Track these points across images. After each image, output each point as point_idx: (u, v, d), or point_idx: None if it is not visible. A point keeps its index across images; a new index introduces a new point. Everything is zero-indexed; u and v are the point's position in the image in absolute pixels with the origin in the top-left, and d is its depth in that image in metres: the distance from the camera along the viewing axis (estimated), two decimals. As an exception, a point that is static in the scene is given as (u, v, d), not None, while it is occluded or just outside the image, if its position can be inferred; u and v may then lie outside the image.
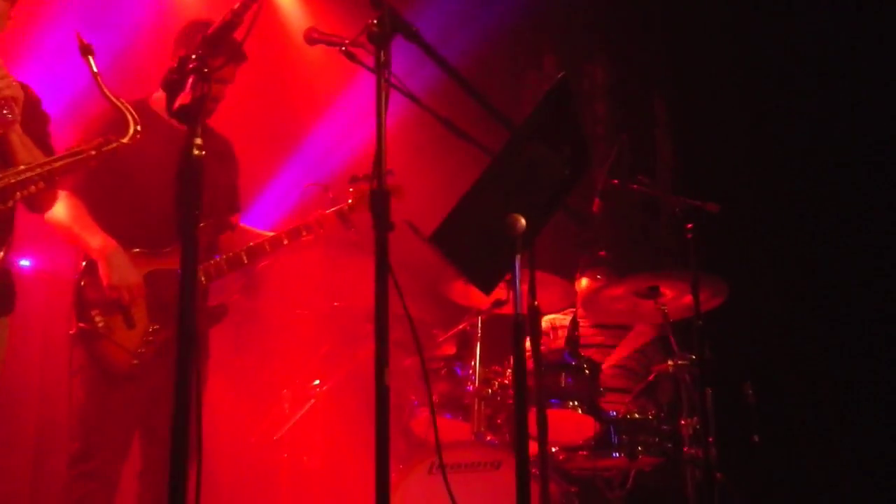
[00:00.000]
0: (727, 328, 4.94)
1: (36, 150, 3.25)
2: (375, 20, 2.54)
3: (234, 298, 4.46)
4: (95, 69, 3.07)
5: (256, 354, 5.83)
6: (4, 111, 3.10)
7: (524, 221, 2.69)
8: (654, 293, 4.66)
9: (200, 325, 3.66)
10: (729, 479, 4.39)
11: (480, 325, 4.61)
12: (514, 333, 2.66)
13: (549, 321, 5.70)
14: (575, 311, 5.56)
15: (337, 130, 6.61)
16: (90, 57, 3.07)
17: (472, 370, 4.52)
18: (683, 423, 4.45)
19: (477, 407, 4.43)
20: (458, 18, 6.47)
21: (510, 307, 4.52)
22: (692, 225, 4.46)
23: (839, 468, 5.84)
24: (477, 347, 4.55)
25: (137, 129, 3.24)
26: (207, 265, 3.75)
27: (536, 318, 3.30)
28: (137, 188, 3.81)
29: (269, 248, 3.90)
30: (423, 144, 5.66)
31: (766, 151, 6.48)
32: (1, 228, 3.20)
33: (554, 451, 4.51)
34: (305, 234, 3.98)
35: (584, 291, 5.58)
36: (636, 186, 4.77)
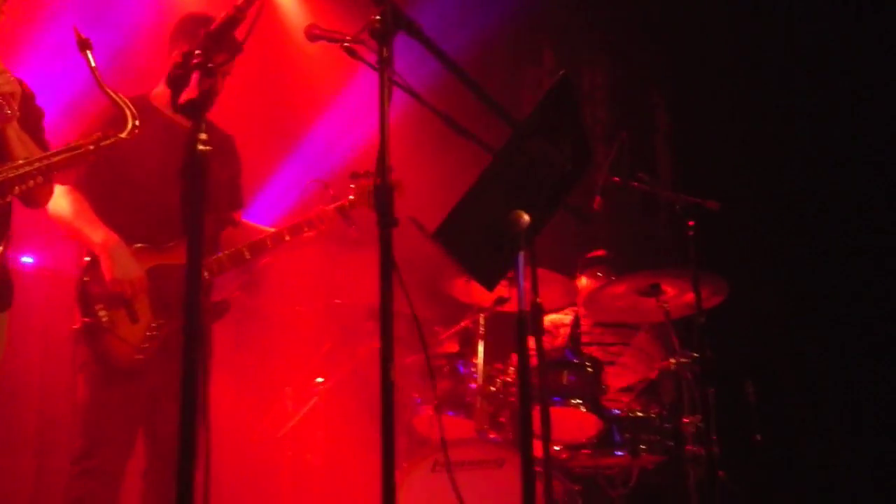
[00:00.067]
0: (728, 326, 4.94)
1: (33, 145, 3.24)
2: (378, 16, 2.53)
3: (234, 295, 4.44)
4: (93, 64, 3.07)
5: (258, 352, 5.83)
6: (4, 107, 3.08)
7: (527, 218, 2.68)
8: (655, 291, 4.66)
9: (204, 321, 3.65)
10: (731, 477, 4.39)
11: (483, 322, 4.61)
12: (517, 329, 2.65)
13: (550, 320, 5.69)
14: (577, 309, 5.55)
15: (337, 127, 6.60)
16: (88, 52, 3.06)
17: (474, 368, 4.52)
18: (686, 421, 4.44)
19: (480, 405, 4.43)
20: (456, 17, 6.47)
21: (512, 305, 4.55)
22: (693, 223, 4.46)
23: (840, 467, 5.84)
24: (479, 345, 4.55)
25: (136, 123, 3.23)
26: (209, 261, 3.73)
27: (539, 315, 3.28)
28: (139, 184, 3.80)
29: (270, 243, 3.89)
30: (421, 140, 5.66)
31: (765, 149, 6.48)
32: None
33: (557, 449, 4.51)
34: (307, 229, 3.97)
35: (584, 290, 5.57)
36: (637, 184, 4.77)
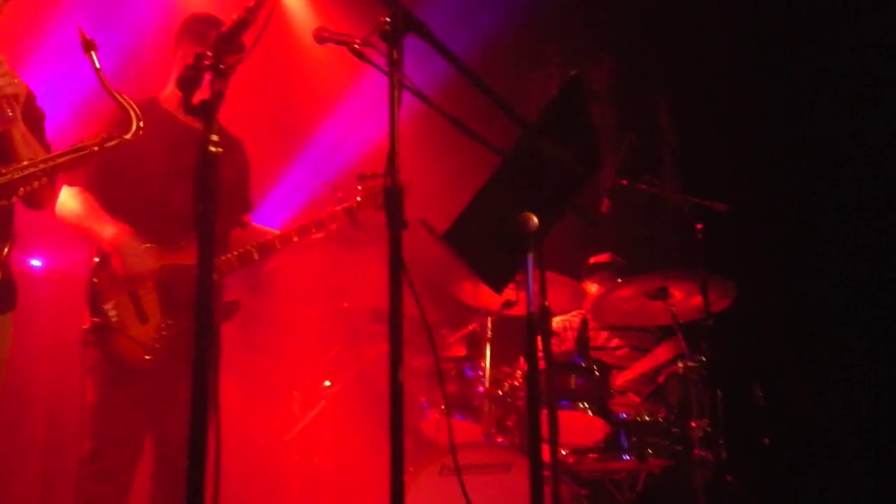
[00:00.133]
0: (735, 329, 4.93)
1: (38, 146, 3.23)
2: (388, 18, 2.52)
3: (241, 298, 4.44)
4: (98, 65, 3.06)
5: (266, 355, 5.82)
6: (6, 109, 3.07)
7: (536, 220, 2.68)
8: (663, 294, 4.65)
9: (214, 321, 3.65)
10: (739, 480, 4.38)
11: (490, 326, 4.60)
12: (527, 331, 2.64)
13: (558, 322, 5.68)
14: (584, 312, 5.54)
15: (344, 129, 6.61)
16: (93, 53, 3.06)
17: (482, 371, 4.52)
18: (693, 425, 4.43)
19: (487, 408, 4.43)
20: (460, 18, 6.47)
21: (519, 308, 4.55)
22: (702, 225, 4.45)
23: (848, 470, 5.82)
24: (487, 348, 4.55)
25: (140, 125, 3.22)
26: (219, 261, 3.72)
27: (547, 317, 3.28)
28: (148, 185, 3.80)
29: (279, 244, 3.89)
30: (427, 141, 5.66)
31: (770, 151, 6.46)
32: (2, 224, 3.17)
33: (564, 453, 4.50)
34: (315, 231, 3.97)
35: (592, 297, 5.55)
36: (645, 186, 4.76)
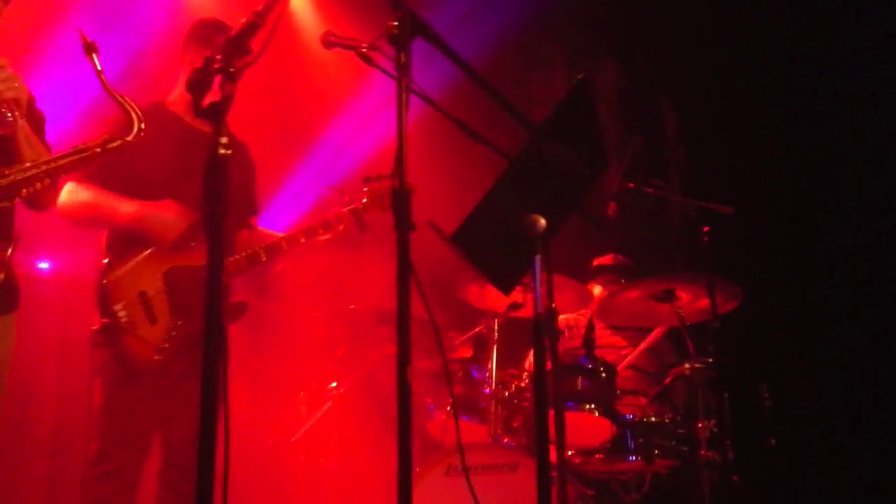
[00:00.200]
0: (742, 331, 4.93)
1: (42, 148, 3.24)
2: (396, 22, 2.53)
3: (247, 299, 4.45)
4: (99, 67, 3.08)
5: (273, 357, 5.84)
6: (6, 113, 3.07)
7: (543, 222, 2.69)
8: (669, 296, 4.65)
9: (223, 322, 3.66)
10: (745, 481, 4.37)
11: (497, 328, 4.61)
12: (534, 332, 2.65)
13: (563, 320, 5.69)
14: (590, 312, 5.55)
15: (350, 132, 6.62)
16: (94, 55, 3.07)
17: (488, 373, 4.53)
18: (700, 425, 4.43)
19: (493, 409, 4.44)
20: (465, 22, 6.48)
21: (526, 311, 4.56)
22: (708, 228, 4.46)
23: (855, 470, 5.81)
24: (493, 350, 4.56)
25: (141, 126, 3.23)
26: (227, 262, 3.74)
27: (554, 319, 3.28)
28: (156, 188, 3.80)
29: (286, 245, 3.91)
30: (432, 144, 5.66)
31: (777, 153, 6.45)
32: (3, 225, 3.17)
33: (570, 453, 4.51)
34: (322, 232, 3.98)
35: (598, 299, 5.56)
36: (651, 189, 4.76)
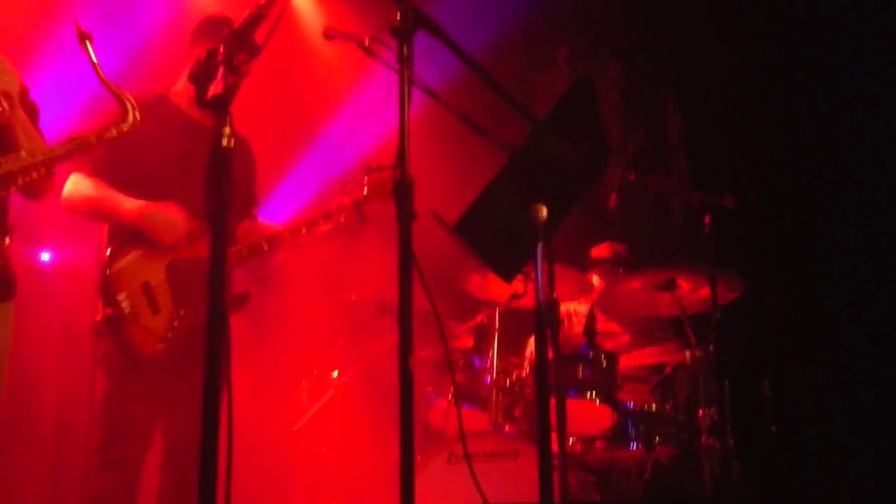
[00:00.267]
0: (743, 321, 4.94)
1: (38, 138, 3.24)
2: (398, 15, 2.54)
3: (248, 289, 4.48)
4: (94, 57, 3.08)
5: (274, 346, 5.86)
6: None
7: (546, 212, 2.70)
8: (671, 286, 4.68)
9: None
10: (746, 469, 4.40)
11: (498, 317, 4.64)
12: (536, 320, 2.66)
13: (563, 309, 5.70)
14: (591, 301, 5.56)
15: (351, 125, 6.63)
16: (88, 45, 3.08)
17: (489, 362, 4.55)
18: (701, 413, 4.46)
19: (495, 398, 4.46)
20: (468, 17, 6.47)
21: (526, 300, 4.58)
22: (709, 218, 4.47)
23: (856, 460, 5.83)
24: (495, 339, 4.58)
25: (136, 115, 3.24)
26: (229, 253, 3.73)
27: (555, 309, 3.30)
28: (158, 179, 3.82)
29: (288, 236, 3.92)
30: (434, 136, 5.67)
31: (779, 145, 6.45)
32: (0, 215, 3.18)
33: (571, 442, 4.54)
34: (323, 222, 3.99)
35: (598, 289, 5.58)
36: (653, 182, 4.77)
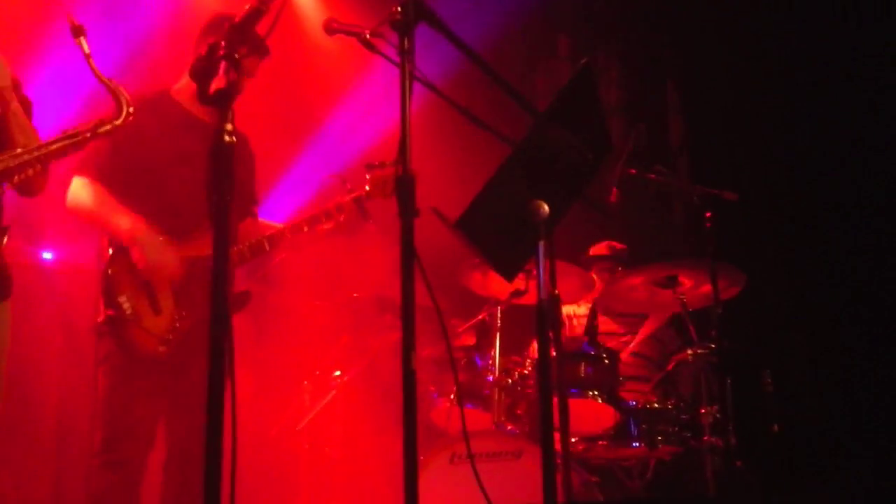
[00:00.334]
0: (745, 317, 4.93)
1: (34, 133, 3.21)
2: (399, 7, 2.53)
3: (250, 288, 4.46)
4: (87, 50, 3.07)
5: (276, 346, 5.84)
6: None
7: (547, 208, 2.69)
8: (672, 282, 4.66)
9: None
10: (748, 467, 4.38)
11: (500, 315, 4.62)
12: (537, 317, 2.65)
13: (564, 311, 5.68)
14: (591, 301, 5.55)
15: (351, 120, 6.61)
16: (82, 38, 3.06)
17: (491, 360, 4.54)
18: (703, 411, 4.44)
19: (497, 397, 4.45)
20: (468, 7, 6.45)
21: (528, 298, 4.56)
22: (710, 214, 4.46)
23: (858, 457, 5.81)
24: (496, 338, 4.57)
25: (129, 110, 3.22)
26: (231, 251, 3.73)
27: (557, 306, 3.29)
28: (159, 176, 3.81)
29: (290, 234, 3.90)
30: (434, 130, 5.64)
31: (782, 139, 6.43)
32: None
33: (574, 440, 4.52)
34: (325, 220, 3.97)
35: (598, 288, 5.55)
36: (653, 176, 4.76)
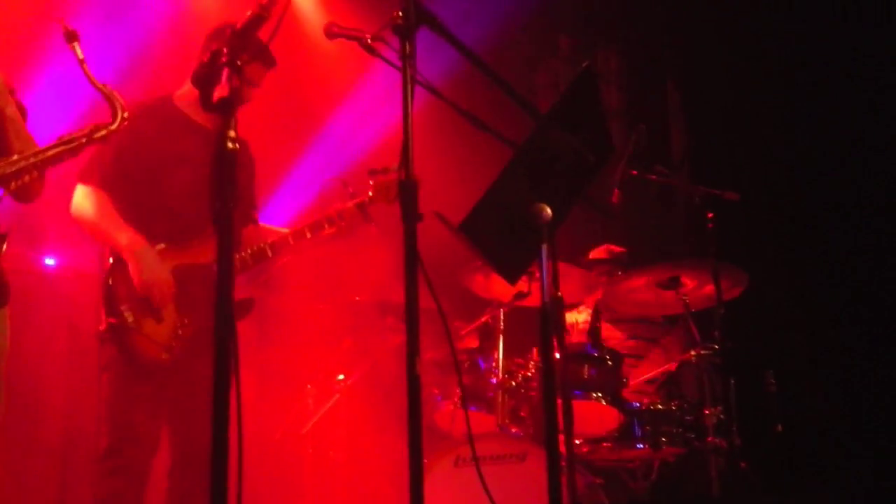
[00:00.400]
0: (748, 317, 4.92)
1: (31, 140, 3.20)
2: (400, 12, 2.53)
3: (252, 293, 4.46)
4: (81, 56, 3.07)
5: (279, 350, 5.84)
6: None
7: (549, 211, 2.69)
8: (674, 283, 4.66)
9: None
10: (752, 467, 4.38)
11: (503, 317, 4.62)
12: (541, 319, 2.65)
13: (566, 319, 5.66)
14: (593, 304, 5.54)
15: (352, 124, 6.61)
16: (75, 44, 3.07)
17: (495, 363, 4.53)
18: (707, 412, 4.44)
19: (501, 399, 4.45)
20: (469, 8, 6.44)
21: (531, 300, 4.56)
22: (712, 214, 4.46)
23: (862, 457, 5.81)
24: (500, 340, 4.56)
25: (124, 115, 3.21)
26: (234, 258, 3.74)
27: (560, 308, 3.28)
28: (162, 183, 3.82)
29: (292, 240, 3.91)
30: (436, 134, 5.64)
31: (783, 139, 6.42)
32: None
33: (577, 442, 4.51)
34: (327, 226, 3.97)
35: (599, 291, 5.54)
36: (655, 176, 4.76)
